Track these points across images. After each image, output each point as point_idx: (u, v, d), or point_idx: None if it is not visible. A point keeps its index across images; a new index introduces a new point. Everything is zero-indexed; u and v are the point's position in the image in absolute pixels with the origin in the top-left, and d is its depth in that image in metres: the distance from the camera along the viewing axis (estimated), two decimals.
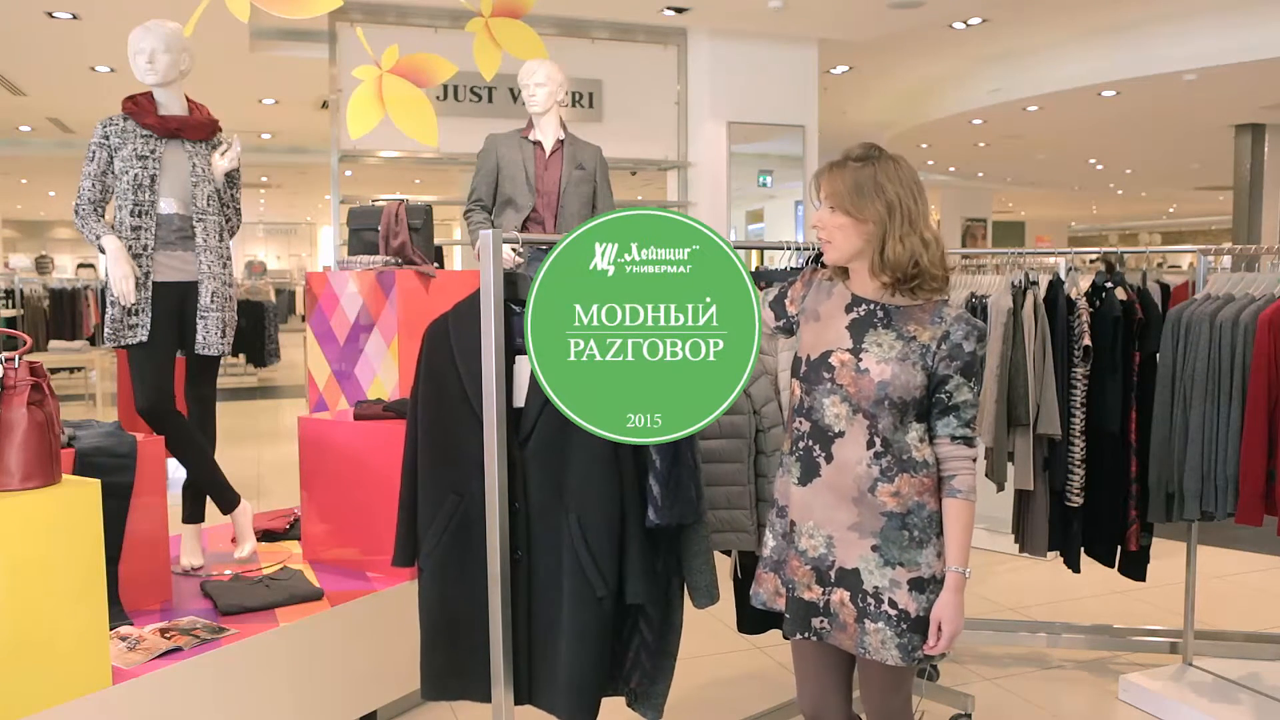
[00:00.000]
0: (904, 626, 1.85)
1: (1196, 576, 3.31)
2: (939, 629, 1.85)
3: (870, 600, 1.87)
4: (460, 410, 2.08)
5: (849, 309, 1.93)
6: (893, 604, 1.86)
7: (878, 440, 1.85)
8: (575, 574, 2.01)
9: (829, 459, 1.89)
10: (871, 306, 1.91)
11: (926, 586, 1.86)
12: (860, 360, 1.86)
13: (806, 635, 1.95)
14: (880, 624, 1.86)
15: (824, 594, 1.92)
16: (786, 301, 2.06)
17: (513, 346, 1.98)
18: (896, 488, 1.86)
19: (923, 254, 1.85)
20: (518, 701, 2.08)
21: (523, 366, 2.02)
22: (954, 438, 1.88)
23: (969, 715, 3.00)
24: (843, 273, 1.98)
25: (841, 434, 1.88)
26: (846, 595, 1.89)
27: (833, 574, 1.91)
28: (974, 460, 1.89)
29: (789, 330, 2.07)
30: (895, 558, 1.86)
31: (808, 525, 1.93)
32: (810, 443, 1.91)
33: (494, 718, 2.07)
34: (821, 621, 1.93)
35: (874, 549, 1.87)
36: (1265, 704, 2.99)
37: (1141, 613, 3.97)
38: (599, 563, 1.99)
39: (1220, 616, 3.94)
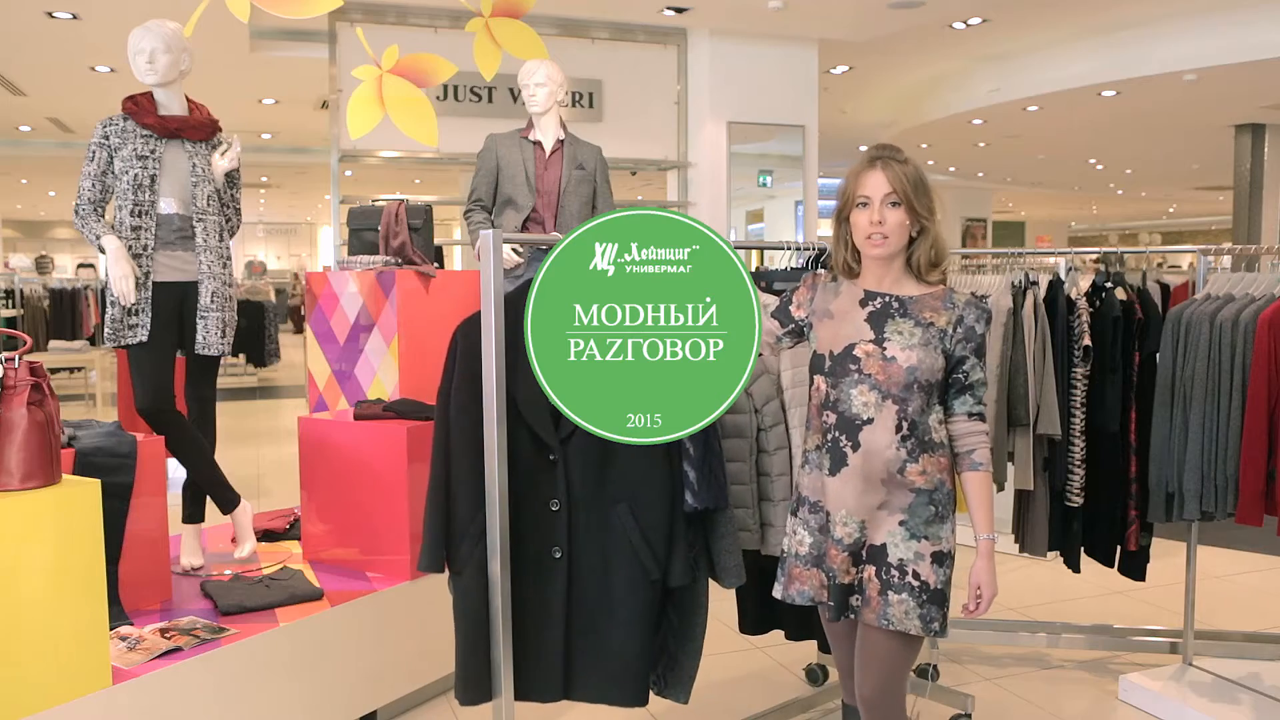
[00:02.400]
0: (924, 598, 1.95)
1: (1196, 576, 3.31)
2: (978, 594, 1.98)
3: (895, 572, 1.96)
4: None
5: (864, 303, 2.02)
6: (916, 575, 1.95)
7: (905, 424, 1.95)
8: (628, 562, 2.07)
9: (856, 447, 1.97)
10: (887, 299, 2.01)
11: (945, 560, 1.98)
12: (885, 349, 1.96)
13: (847, 615, 2.01)
14: (904, 595, 1.95)
15: (857, 573, 2.00)
16: (792, 308, 2.12)
17: None
18: (923, 467, 1.96)
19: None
20: (554, 698, 2.12)
21: None
22: (971, 414, 2.01)
23: (969, 715, 3.00)
24: (848, 272, 2.07)
25: (870, 421, 1.96)
26: (874, 570, 1.98)
27: (864, 553, 1.99)
28: (988, 434, 2.03)
29: (799, 334, 2.14)
30: (921, 531, 1.96)
31: (841, 514, 1.99)
32: (837, 434, 1.99)
33: (494, 715, 2.07)
34: (856, 599, 2.01)
35: (901, 523, 1.96)
36: (1265, 704, 2.99)
37: (1141, 613, 3.97)
38: (653, 548, 2.06)
39: (1220, 616, 3.94)
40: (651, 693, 2.20)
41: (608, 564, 2.09)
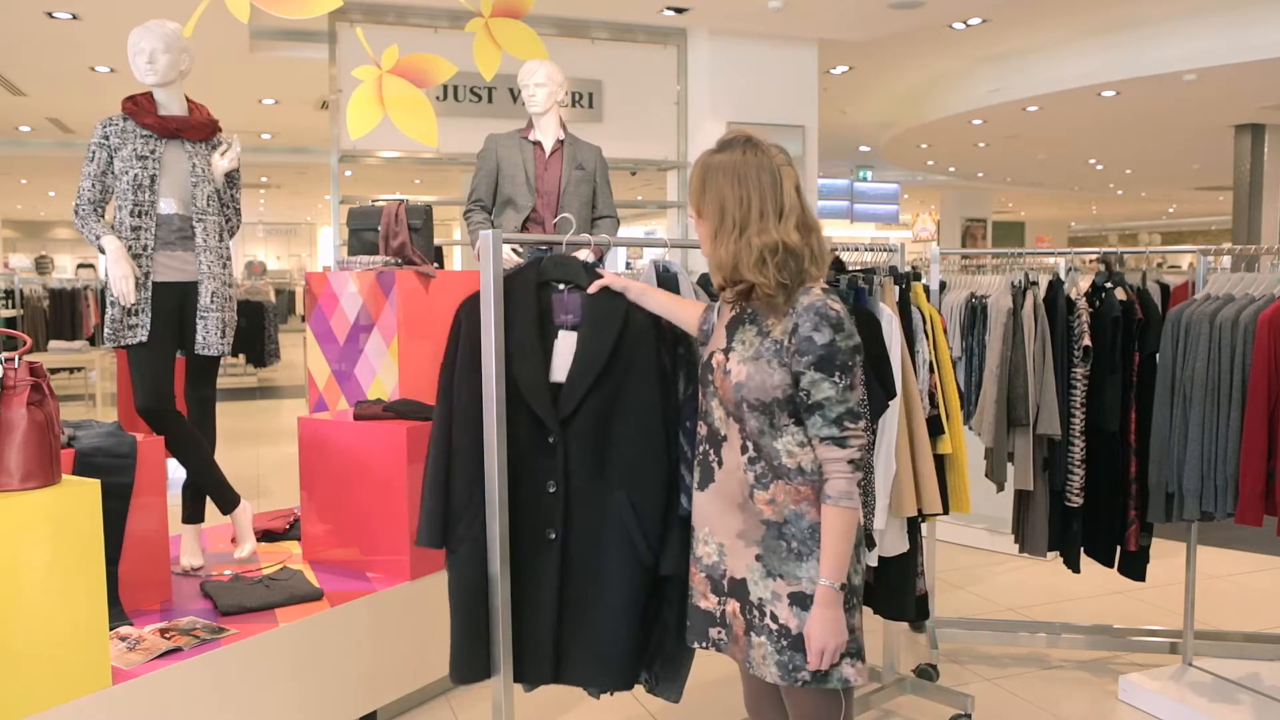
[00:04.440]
0: (784, 643, 1.77)
1: (1196, 576, 3.31)
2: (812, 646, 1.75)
3: (755, 612, 1.81)
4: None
5: (734, 306, 1.86)
6: (774, 618, 1.78)
7: (750, 445, 1.79)
8: (622, 547, 2.06)
9: (720, 464, 1.85)
10: (744, 304, 1.84)
11: (809, 602, 1.75)
12: (728, 360, 1.80)
13: (705, 645, 1.92)
14: (762, 638, 1.79)
15: (719, 604, 1.88)
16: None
17: (553, 323, 2.09)
18: (771, 495, 1.78)
19: (744, 260, 1.74)
20: (544, 681, 2.12)
21: (563, 344, 2.08)
22: (821, 439, 1.73)
23: (969, 715, 3.00)
24: None
25: (725, 438, 1.83)
26: (737, 606, 1.84)
27: (725, 583, 1.87)
28: (849, 462, 1.73)
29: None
30: (775, 569, 1.78)
31: (703, 532, 1.90)
32: (707, 447, 1.88)
33: (494, 715, 2.07)
34: (719, 632, 1.89)
35: (757, 558, 1.80)
36: (1265, 704, 2.99)
37: (1141, 613, 3.97)
38: (648, 535, 2.06)
39: (1220, 616, 3.94)
40: (645, 690, 2.19)
41: (601, 548, 2.08)
